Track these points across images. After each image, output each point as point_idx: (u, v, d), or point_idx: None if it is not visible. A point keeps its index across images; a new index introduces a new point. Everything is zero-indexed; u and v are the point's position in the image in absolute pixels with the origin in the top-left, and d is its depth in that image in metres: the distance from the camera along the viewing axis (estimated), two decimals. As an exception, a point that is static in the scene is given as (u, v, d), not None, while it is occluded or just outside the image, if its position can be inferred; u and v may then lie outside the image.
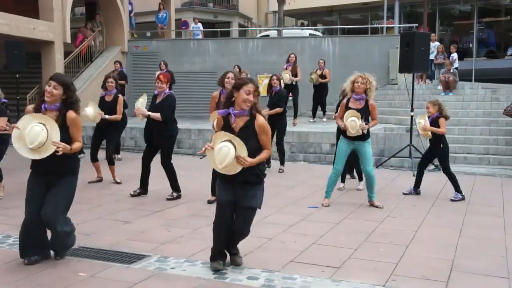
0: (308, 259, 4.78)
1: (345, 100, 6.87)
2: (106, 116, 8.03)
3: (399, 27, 20.92)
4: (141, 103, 7.27)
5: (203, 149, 4.20)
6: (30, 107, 4.59)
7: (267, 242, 5.30)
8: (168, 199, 7.12)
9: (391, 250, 5.10)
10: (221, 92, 6.88)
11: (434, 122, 7.42)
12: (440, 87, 14.56)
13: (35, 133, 4.18)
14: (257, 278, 4.29)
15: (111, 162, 8.29)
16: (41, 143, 4.21)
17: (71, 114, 4.43)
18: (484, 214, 6.73)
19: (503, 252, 5.11)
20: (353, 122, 6.58)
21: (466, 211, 6.80)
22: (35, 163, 4.42)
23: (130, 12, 18.81)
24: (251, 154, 4.16)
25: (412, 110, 10.36)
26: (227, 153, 4.06)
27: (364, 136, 6.71)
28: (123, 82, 9.18)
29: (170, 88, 7.44)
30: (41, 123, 4.26)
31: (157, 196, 7.32)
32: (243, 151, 4.10)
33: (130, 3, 18.74)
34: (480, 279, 4.38)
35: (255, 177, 4.29)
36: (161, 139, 7.13)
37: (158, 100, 7.10)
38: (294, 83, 12.97)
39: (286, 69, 12.98)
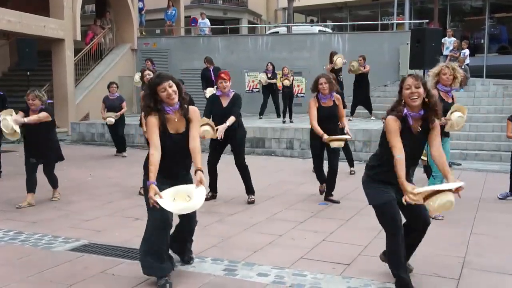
0: (318, 255, 4.76)
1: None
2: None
3: (410, 23, 20.78)
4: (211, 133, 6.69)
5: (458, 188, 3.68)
6: (153, 119, 4.06)
7: (277, 238, 5.30)
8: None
9: (402, 247, 5.07)
10: (319, 97, 6.70)
11: None
12: (451, 84, 14.46)
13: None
14: (267, 274, 4.28)
15: None
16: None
17: (192, 107, 4.25)
18: (496, 211, 6.67)
19: (515, 250, 5.07)
20: (460, 119, 6.03)
21: (477, 208, 6.75)
22: (161, 167, 4.11)
23: (142, 9, 18.88)
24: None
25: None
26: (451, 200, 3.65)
27: (447, 133, 6.44)
28: None
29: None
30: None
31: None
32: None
33: (141, 1, 18.81)
34: (492, 276, 4.35)
35: None
36: (236, 139, 6.89)
37: (225, 103, 6.72)
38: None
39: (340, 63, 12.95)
